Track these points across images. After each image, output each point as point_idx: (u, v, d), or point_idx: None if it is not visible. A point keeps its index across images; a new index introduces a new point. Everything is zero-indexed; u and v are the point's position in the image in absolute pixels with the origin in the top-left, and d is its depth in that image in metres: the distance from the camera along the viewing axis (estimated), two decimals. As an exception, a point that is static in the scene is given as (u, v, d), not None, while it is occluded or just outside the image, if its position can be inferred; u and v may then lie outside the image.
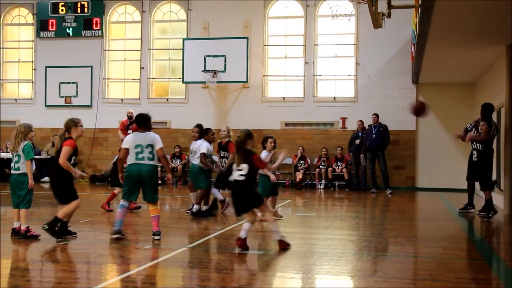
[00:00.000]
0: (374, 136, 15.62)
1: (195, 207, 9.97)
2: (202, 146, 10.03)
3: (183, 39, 17.98)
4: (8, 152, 16.96)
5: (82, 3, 18.91)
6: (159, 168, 8.23)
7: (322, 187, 16.58)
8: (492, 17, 9.01)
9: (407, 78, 16.72)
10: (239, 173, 6.94)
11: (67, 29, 19.08)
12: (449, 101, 16.44)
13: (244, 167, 6.93)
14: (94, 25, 18.88)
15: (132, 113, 16.89)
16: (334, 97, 17.44)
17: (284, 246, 7.06)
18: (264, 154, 9.03)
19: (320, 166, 16.78)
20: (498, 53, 11.66)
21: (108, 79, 19.12)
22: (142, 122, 7.74)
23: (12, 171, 7.64)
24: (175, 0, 18.66)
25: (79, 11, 18.96)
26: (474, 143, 10.56)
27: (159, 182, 8.98)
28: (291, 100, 17.72)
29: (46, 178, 17.80)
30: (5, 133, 17.71)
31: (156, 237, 7.52)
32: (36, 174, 16.11)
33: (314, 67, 17.64)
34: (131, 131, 16.42)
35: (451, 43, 11.21)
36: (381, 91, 17.00)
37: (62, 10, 19.07)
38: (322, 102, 17.49)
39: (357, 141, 15.98)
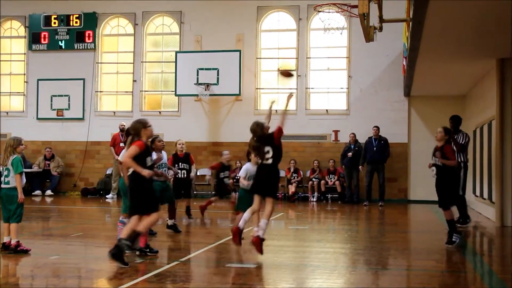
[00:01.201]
0: (375, 148, 15.65)
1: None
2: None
3: (176, 52, 18.00)
4: (-1, 165, 16.84)
5: (75, 16, 18.91)
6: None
7: (314, 199, 16.56)
8: (482, 31, 9.10)
9: (399, 91, 16.80)
10: (266, 156, 7.26)
11: (60, 42, 19.06)
12: (441, 113, 16.45)
13: (269, 149, 7.26)
14: (86, 38, 18.87)
15: (124, 125, 16.93)
16: (327, 110, 17.49)
17: (258, 246, 6.98)
18: (248, 166, 8.64)
19: (313, 179, 16.77)
20: (488, 67, 11.75)
21: (100, 91, 19.09)
22: (127, 135, 7.53)
23: (2, 185, 7.56)
24: (168, 13, 18.71)
25: (71, 24, 18.95)
26: (433, 157, 8.88)
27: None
28: (284, 112, 17.70)
29: (38, 192, 17.72)
30: (-4, 146, 17.60)
31: (137, 252, 7.35)
32: (27, 187, 16.07)
33: (306, 80, 17.70)
34: (123, 144, 16.63)
35: (442, 56, 11.31)
36: (373, 104, 17.06)
37: (54, 23, 19.05)
38: (314, 115, 17.53)
39: (350, 154, 16.00)
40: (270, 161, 7.28)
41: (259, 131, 7.41)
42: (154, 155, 9.21)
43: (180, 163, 10.62)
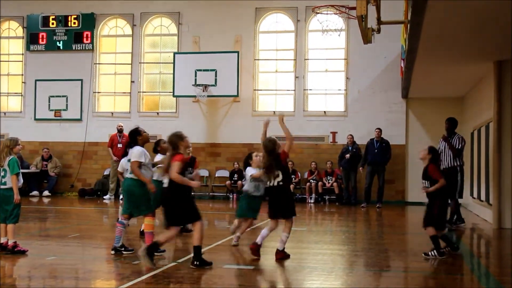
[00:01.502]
0: (376, 150, 15.67)
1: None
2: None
3: (174, 53, 17.99)
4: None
5: (73, 16, 18.88)
6: None
7: (312, 201, 16.56)
8: (481, 33, 9.11)
9: (396, 93, 16.81)
10: (276, 180, 7.35)
11: (58, 43, 19.03)
12: (439, 115, 16.45)
13: (279, 173, 7.35)
14: (84, 39, 18.85)
15: (122, 126, 16.95)
16: (325, 111, 17.49)
17: (283, 257, 7.27)
18: (251, 171, 8.51)
19: (311, 180, 16.77)
20: (486, 69, 11.77)
21: (98, 92, 19.07)
22: (130, 137, 7.82)
23: None
24: (166, 14, 18.70)
25: (69, 24, 18.92)
26: (422, 181, 8.22)
27: None
28: (282, 114, 17.71)
29: (35, 192, 17.68)
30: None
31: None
32: (24, 188, 16.00)
33: (304, 81, 17.71)
34: (121, 145, 16.64)
35: (440, 58, 11.32)
36: (371, 106, 17.07)
37: (52, 23, 19.02)
38: (312, 116, 17.53)
39: (347, 155, 16.00)
40: (281, 183, 7.37)
41: (271, 146, 7.43)
42: (159, 157, 9.16)
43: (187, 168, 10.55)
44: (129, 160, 7.63)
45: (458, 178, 10.64)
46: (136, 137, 7.71)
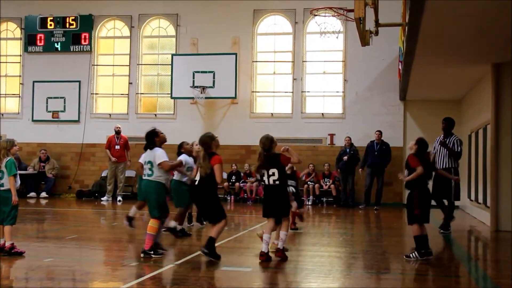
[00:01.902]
0: (376, 153, 15.70)
1: (172, 223, 9.38)
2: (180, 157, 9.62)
3: (172, 55, 18.00)
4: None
5: (71, 18, 18.88)
6: None
7: (310, 203, 16.56)
8: (478, 35, 9.13)
9: (394, 95, 16.84)
10: (272, 178, 7.36)
11: (56, 44, 19.02)
12: (436, 118, 16.40)
13: (275, 171, 7.36)
14: (82, 40, 18.84)
15: (119, 128, 16.94)
16: (322, 114, 17.51)
17: (282, 257, 7.33)
18: None
19: (308, 182, 16.77)
20: (484, 71, 11.79)
21: (96, 94, 19.06)
22: (147, 140, 7.85)
23: (-3, 187, 7.55)
24: (164, 16, 18.71)
25: (67, 26, 18.91)
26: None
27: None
28: (280, 116, 17.76)
29: (33, 194, 17.65)
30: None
31: (141, 255, 7.44)
32: (21, 189, 16.00)
33: (302, 83, 17.72)
34: (118, 146, 16.63)
35: (438, 61, 11.34)
36: (369, 108, 17.10)
37: (50, 25, 19.01)
38: (310, 119, 17.54)
39: (345, 158, 16.01)
40: (277, 182, 7.38)
41: (268, 144, 7.49)
42: (183, 157, 9.37)
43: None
44: (149, 162, 7.69)
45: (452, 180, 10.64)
46: (153, 138, 7.83)
